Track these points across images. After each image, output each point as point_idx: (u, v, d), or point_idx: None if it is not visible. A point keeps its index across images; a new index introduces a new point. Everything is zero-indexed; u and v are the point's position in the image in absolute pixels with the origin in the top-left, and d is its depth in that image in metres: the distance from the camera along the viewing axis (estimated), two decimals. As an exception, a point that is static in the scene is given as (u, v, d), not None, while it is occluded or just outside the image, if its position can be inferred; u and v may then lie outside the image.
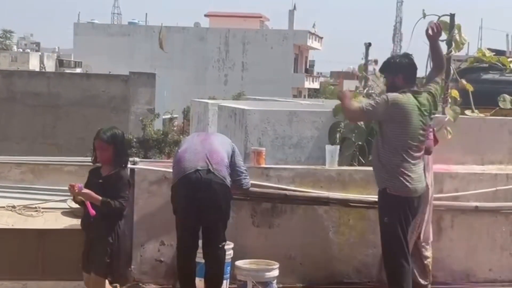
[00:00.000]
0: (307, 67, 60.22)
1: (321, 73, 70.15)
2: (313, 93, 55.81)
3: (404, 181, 5.49)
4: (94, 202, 5.10)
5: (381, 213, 5.68)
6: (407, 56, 5.73)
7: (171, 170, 6.43)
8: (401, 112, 5.46)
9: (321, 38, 59.90)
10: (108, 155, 5.24)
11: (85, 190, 5.08)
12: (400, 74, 5.61)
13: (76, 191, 5.04)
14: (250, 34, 52.47)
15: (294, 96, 45.77)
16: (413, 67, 5.68)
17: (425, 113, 5.57)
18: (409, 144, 5.50)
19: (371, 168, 6.72)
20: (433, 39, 5.77)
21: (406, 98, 5.50)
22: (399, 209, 5.53)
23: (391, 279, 5.60)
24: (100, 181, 5.18)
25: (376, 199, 6.44)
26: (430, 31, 5.72)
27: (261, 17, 61.07)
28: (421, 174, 5.63)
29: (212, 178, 5.63)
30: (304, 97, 50.87)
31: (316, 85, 59.34)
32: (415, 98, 5.54)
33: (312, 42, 56.21)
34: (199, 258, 6.01)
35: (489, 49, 10.05)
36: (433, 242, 6.52)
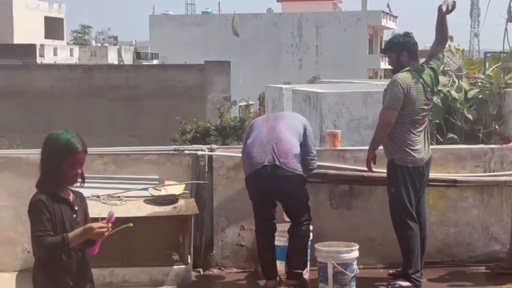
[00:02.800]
0: (383, 47, 59.40)
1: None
2: (389, 74, 54.99)
3: (411, 152, 5.83)
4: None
5: (388, 183, 6.01)
6: (408, 35, 6.06)
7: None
8: (409, 90, 5.82)
9: (396, 17, 58.99)
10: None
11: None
12: (404, 52, 5.96)
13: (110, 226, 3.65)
14: (323, 17, 52.14)
15: (370, 78, 45.30)
16: (415, 45, 6.05)
17: (428, 89, 5.93)
18: (414, 119, 5.86)
19: (449, 147, 6.65)
20: (443, 15, 6.00)
21: (411, 76, 5.85)
22: (406, 179, 5.87)
23: (402, 243, 5.98)
24: (75, 210, 3.69)
25: (456, 178, 6.40)
26: (443, 8, 5.95)
27: (333, -1, 60.54)
28: (425, 143, 5.95)
29: (280, 172, 5.72)
30: (380, 78, 50.27)
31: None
32: (419, 75, 5.88)
33: (386, 22, 55.42)
34: (279, 241, 6.08)
35: None
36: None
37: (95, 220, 3.75)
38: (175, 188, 6.23)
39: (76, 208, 3.73)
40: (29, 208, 3.57)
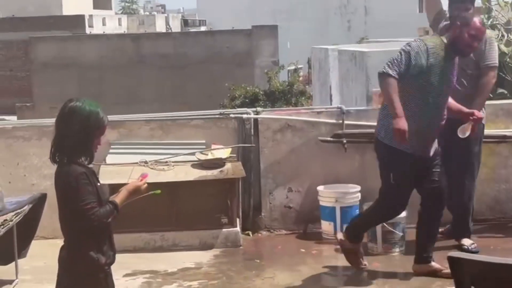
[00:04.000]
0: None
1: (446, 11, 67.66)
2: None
3: None
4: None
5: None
6: None
7: (293, 118, 6.52)
8: None
9: (446, -27, 57.65)
10: None
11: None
12: None
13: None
14: (371, -23, 51.26)
15: (421, 37, 44.51)
16: None
17: None
18: None
19: (499, 102, 6.52)
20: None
21: None
22: None
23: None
24: (99, 180, 3.66)
25: (506, 133, 6.29)
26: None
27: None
28: None
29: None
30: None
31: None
32: None
33: (436, -21, 54.22)
34: (326, 202, 6.11)
35: None
36: None
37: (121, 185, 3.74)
38: (222, 152, 6.27)
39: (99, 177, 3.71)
40: (68, 181, 3.43)
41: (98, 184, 3.57)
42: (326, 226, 6.24)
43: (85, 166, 3.51)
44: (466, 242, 5.75)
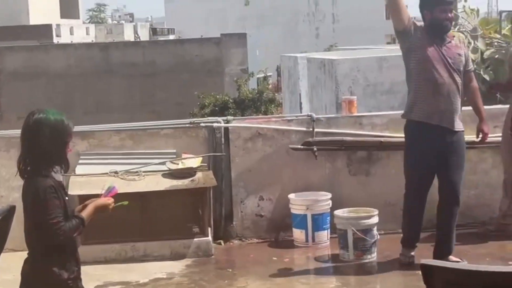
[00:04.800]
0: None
1: (414, 17, 68.31)
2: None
3: None
4: None
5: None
6: None
7: (264, 126, 6.53)
8: None
9: (412, -19, 58.29)
10: None
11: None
12: None
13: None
14: (339, -16, 51.63)
15: (388, 43, 44.90)
16: None
17: None
18: None
19: (467, 108, 6.58)
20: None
21: None
22: None
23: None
24: (67, 193, 3.61)
25: (473, 139, 6.36)
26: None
27: (348, -34, 59.86)
28: None
29: None
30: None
31: (410, 30, 57.92)
32: None
33: (402, -14, 54.76)
34: (297, 210, 6.12)
35: None
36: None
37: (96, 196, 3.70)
38: (193, 161, 6.25)
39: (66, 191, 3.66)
40: (36, 194, 3.37)
41: (66, 198, 3.52)
42: (297, 234, 6.25)
43: (53, 179, 3.46)
44: (453, 259, 5.57)
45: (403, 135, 6.44)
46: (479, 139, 5.73)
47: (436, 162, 5.47)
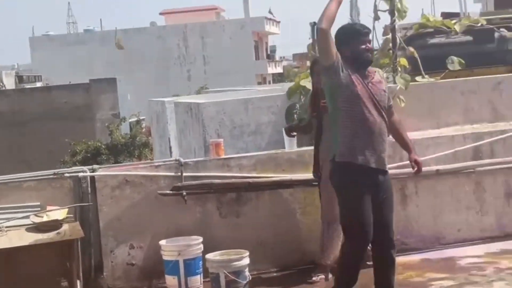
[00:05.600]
0: (268, 52, 60.27)
1: (283, 57, 70.20)
2: (278, 78, 55.89)
3: None
4: None
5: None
6: None
7: (131, 173, 6.45)
8: None
9: (278, 22, 59.94)
10: None
11: None
12: None
13: None
14: (207, 26, 52.38)
15: (259, 83, 45.79)
16: None
17: None
18: None
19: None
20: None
21: None
22: None
23: None
24: None
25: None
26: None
27: (216, 8, 60.95)
28: None
29: None
30: (269, 82, 50.93)
31: (279, 70, 59.41)
32: None
33: (270, 28, 56.24)
34: (169, 256, 6.05)
35: (444, 12, 10.15)
36: (400, 211, 6.58)
37: None
38: (58, 213, 6.06)
39: None
40: None
41: None
42: (170, 281, 6.17)
43: None
44: None
45: (271, 175, 6.58)
46: (415, 169, 5.40)
47: (371, 205, 5.16)
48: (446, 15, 9.51)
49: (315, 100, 6.25)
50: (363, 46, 5.18)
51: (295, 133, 6.49)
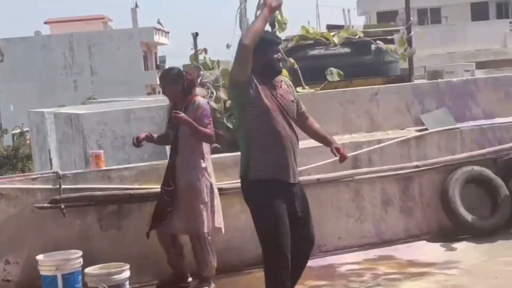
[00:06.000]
0: (158, 63, 59.84)
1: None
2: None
3: None
4: None
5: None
6: None
7: (6, 186, 6.23)
8: None
9: (168, 32, 59.68)
10: None
11: None
12: None
13: None
14: (94, 36, 51.41)
15: (149, 94, 45.36)
16: None
17: None
18: None
19: (213, 156, 6.75)
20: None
21: None
22: None
23: None
24: None
25: (222, 186, 6.55)
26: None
27: (103, 18, 60.01)
28: None
29: None
30: (159, 93, 50.51)
31: (169, 80, 58.97)
32: None
33: (159, 38, 55.86)
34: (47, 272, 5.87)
35: (329, 25, 10.38)
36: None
37: None
38: None
39: None
40: None
41: None
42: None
43: None
44: None
45: (152, 186, 6.51)
46: (339, 157, 5.41)
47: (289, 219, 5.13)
48: (331, 27, 9.74)
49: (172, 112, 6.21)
50: (276, 56, 5.23)
51: (142, 144, 6.44)
